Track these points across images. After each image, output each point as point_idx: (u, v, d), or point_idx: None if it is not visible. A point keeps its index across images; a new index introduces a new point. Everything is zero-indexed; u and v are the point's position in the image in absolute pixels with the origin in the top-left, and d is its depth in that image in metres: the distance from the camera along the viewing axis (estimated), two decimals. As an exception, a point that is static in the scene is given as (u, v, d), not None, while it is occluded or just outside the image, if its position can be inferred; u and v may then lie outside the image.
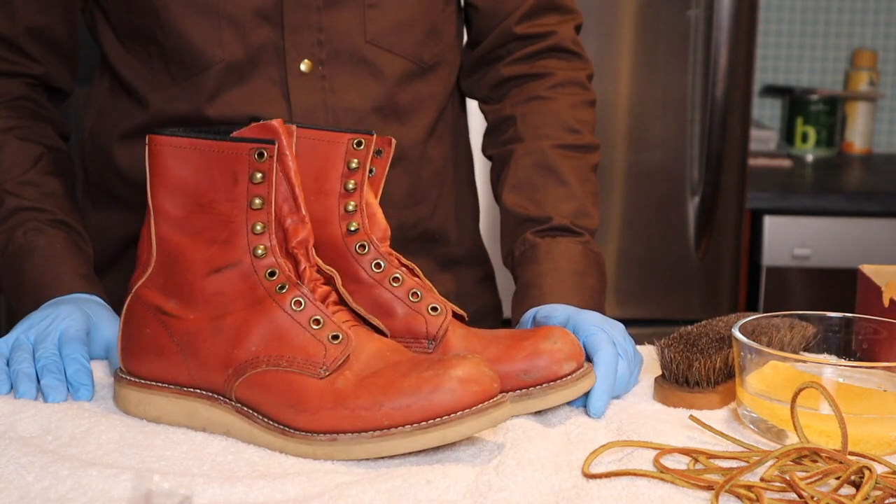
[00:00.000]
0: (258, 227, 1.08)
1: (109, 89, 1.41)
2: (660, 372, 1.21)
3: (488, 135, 1.49)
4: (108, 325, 1.25)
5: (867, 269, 1.34)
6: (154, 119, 1.36)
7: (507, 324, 1.50)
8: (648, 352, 1.33)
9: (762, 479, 0.99)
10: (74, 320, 1.21)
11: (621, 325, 1.23)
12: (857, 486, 0.99)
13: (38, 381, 1.15)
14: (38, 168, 1.36)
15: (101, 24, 1.39)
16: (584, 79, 1.47)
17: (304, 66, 1.35)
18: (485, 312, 1.53)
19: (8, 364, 1.18)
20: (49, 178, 1.36)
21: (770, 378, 1.12)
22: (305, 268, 1.09)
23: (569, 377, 1.13)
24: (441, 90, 1.43)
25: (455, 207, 1.49)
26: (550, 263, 1.34)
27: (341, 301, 1.12)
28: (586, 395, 1.15)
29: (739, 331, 1.14)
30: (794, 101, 3.29)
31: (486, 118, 1.50)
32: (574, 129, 1.42)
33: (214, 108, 1.34)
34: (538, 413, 1.15)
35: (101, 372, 1.24)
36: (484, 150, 1.50)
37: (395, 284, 1.16)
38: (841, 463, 1.00)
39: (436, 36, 1.40)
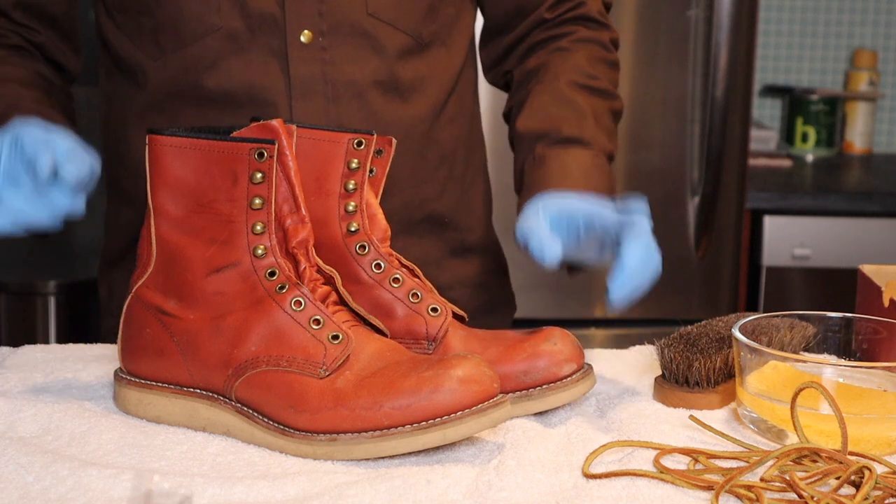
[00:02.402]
0: (258, 227, 1.08)
1: (109, 73, 1.41)
2: (660, 372, 1.22)
3: (512, 94, 1.48)
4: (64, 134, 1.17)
5: (867, 269, 1.34)
6: (153, 96, 1.34)
7: (523, 325, 1.49)
8: (649, 352, 1.33)
9: (762, 479, 0.99)
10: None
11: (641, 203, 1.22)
12: (857, 486, 0.99)
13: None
14: (35, 84, 1.35)
15: (97, 1, 1.38)
16: (607, 41, 1.46)
17: (304, 38, 1.33)
18: (496, 304, 1.52)
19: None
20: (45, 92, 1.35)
21: (770, 378, 1.12)
22: (305, 268, 1.09)
23: (569, 379, 1.13)
24: (441, 70, 1.42)
25: (465, 193, 1.48)
26: (558, 164, 1.32)
27: (341, 301, 1.12)
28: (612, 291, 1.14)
29: (739, 331, 1.14)
30: (794, 101, 3.29)
31: (510, 87, 1.49)
32: (591, 76, 1.41)
33: (212, 79, 1.32)
34: (538, 413, 1.15)
35: (100, 372, 1.24)
36: (505, 110, 1.49)
37: (395, 285, 1.16)
38: (841, 463, 1.00)
39: (433, 14, 1.40)
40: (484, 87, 1.55)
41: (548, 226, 1.19)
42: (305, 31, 1.33)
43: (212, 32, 1.31)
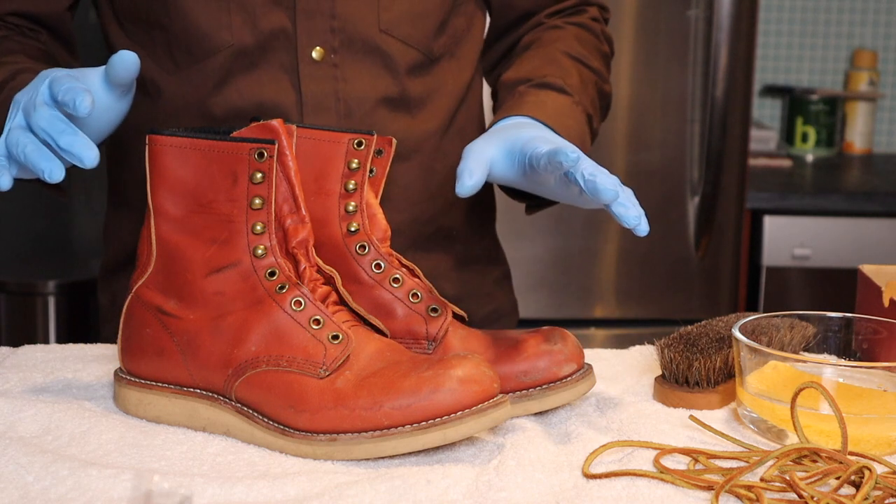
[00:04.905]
0: (258, 227, 1.08)
1: None
2: (660, 372, 1.22)
3: (503, 64, 1.48)
4: (90, 70, 1.17)
5: (867, 269, 1.34)
6: (164, 110, 1.34)
7: (523, 325, 1.49)
8: (649, 352, 1.33)
9: (762, 479, 0.99)
10: (56, 71, 1.13)
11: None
12: (857, 486, 0.99)
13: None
14: (43, 59, 1.34)
15: (105, 9, 1.38)
16: (599, 31, 1.48)
17: (315, 54, 1.32)
18: (502, 313, 1.52)
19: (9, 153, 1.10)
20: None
21: (770, 378, 1.12)
22: (305, 268, 1.09)
23: (569, 379, 1.13)
24: (450, 82, 1.42)
25: (472, 204, 1.48)
26: (534, 98, 1.31)
27: (341, 301, 1.12)
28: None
29: (739, 331, 1.14)
30: (794, 101, 3.29)
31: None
32: (582, 54, 1.42)
33: (222, 96, 1.32)
34: (538, 413, 1.15)
35: (100, 372, 1.24)
36: (492, 79, 1.49)
37: (395, 285, 1.16)
38: (841, 463, 1.00)
39: (444, 27, 1.40)
40: (486, 91, 1.55)
41: (500, 150, 1.19)
42: (317, 48, 1.32)
43: (223, 49, 1.31)
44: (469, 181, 1.16)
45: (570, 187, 1.16)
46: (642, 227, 1.12)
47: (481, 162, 1.18)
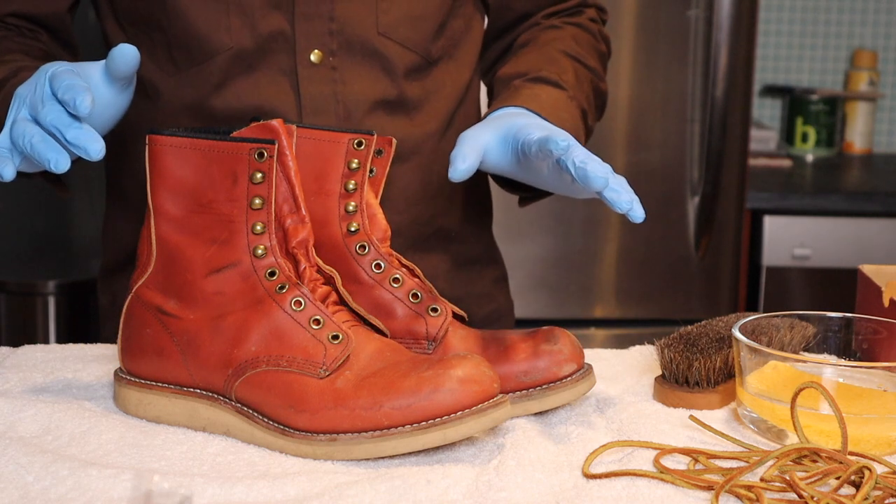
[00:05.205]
0: (258, 227, 1.08)
1: None
2: (660, 372, 1.22)
3: (497, 62, 1.48)
4: (90, 64, 1.15)
5: (867, 269, 1.34)
6: (164, 111, 1.34)
7: (523, 325, 1.49)
8: (649, 352, 1.33)
9: (762, 479, 0.99)
10: (56, 65, 1.12)
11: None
12: (857, 486, 0.99)
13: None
14: (42, 58, 1.33)
15: (105, 10, 1.38)
16: (596, 31, 1.48)
17: (314, 57, 1.32)
18: (499, 314, 1.52)
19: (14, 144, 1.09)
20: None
21: (770, 378, 1.12)
22: (305, 268, 1.09)
23: (569, 379, 1.13)
24: (449, 84, 1.42)
25: (470, 204, 1.48)
26: (529, 91, 1.31)
27: (341, 301, 1.12)
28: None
29: (739, 331, 1.14)
30: (794, 101, 3.29)
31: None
32: (579, 53, 1.42)
33: (221, 98, 1.32)
34: (538, 413, 1.15)
35: (100, 372, 1.24)
36: (488, 78, 1.49)
37: (395, 285, 1.16)
38: (841, 463, 1.00)
39: (443, 30, 1.40)
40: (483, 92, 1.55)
41: (494, 137, 1.19)
42: (315, 51, 1.32)
43: (222, 52, 1.31)
44: (462, 165, 1.16)
45: (563, 176, 1.16)
46: (635, 211, 1.12)
47: (475, 148, 1.18)
